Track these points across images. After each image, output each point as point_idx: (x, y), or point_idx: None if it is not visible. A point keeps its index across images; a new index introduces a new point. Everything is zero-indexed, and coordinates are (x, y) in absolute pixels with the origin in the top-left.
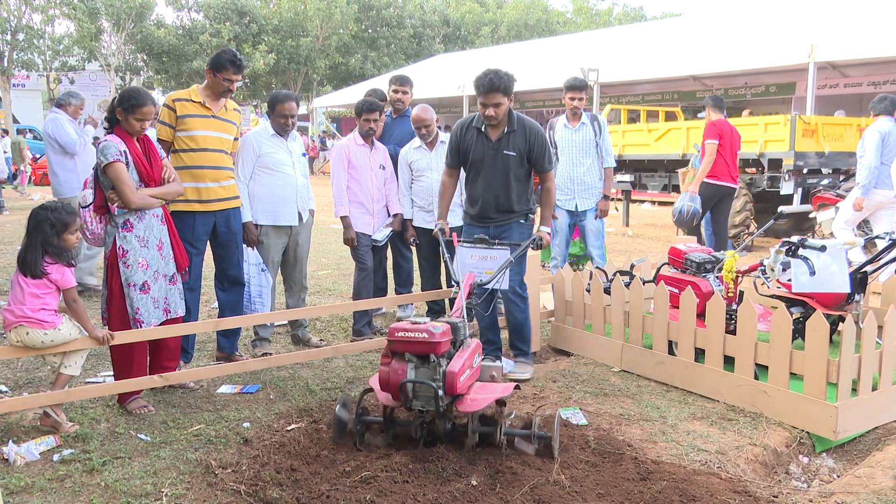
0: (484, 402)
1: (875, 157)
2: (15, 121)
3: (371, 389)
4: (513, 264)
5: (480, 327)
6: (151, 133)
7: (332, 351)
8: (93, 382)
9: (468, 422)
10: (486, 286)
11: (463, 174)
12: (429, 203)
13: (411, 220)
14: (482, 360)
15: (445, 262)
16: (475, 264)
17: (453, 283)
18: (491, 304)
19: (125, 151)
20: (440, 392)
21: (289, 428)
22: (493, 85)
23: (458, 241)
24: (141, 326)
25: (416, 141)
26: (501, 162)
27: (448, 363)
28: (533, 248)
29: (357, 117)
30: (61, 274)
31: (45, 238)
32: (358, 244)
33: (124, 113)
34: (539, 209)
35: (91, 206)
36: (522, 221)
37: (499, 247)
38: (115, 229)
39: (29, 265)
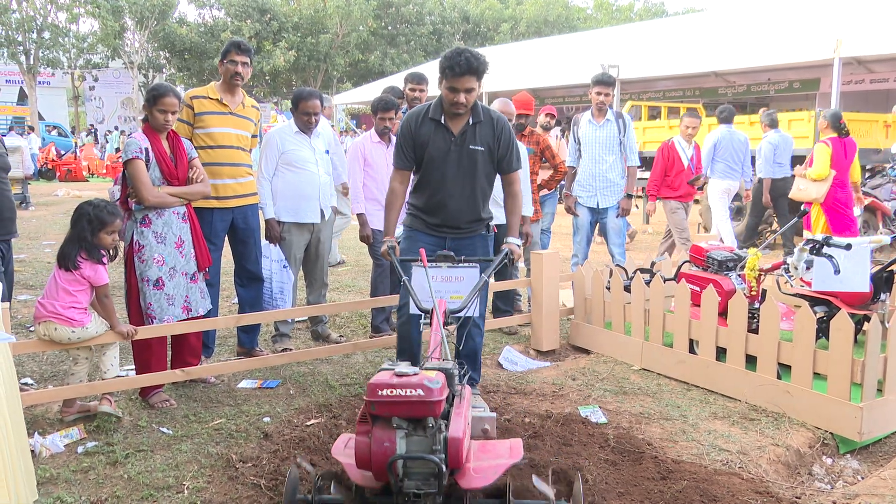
0: (492, 474)
1: (708, 158)
2: (40, 118)
3: (334, 473)
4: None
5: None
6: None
7: (352, 347)
8: (118, 376)
9: (465, 499)
10: (457, 314)
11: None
12: None
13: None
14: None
15: (404, 283)
16: (437, 287)
17: (418, 312)
18: (463, 336)
19: (146, 149)
20: (443, 467)
21: (308, 423)
22: (471, 66)
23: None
24: (153, 322)
25: None
26: (467, 159)
27: (448, 426)
28: (508, 265)
29: (373, 115)
30: (94, 271)
31: (82, 233)
32: (374, 241)
33: (149, 106)
34: (507, 217)
35: (118, 201)
36: (485, 233)
37: (465, 265)
38: (133, 224)
39: (64, 257)
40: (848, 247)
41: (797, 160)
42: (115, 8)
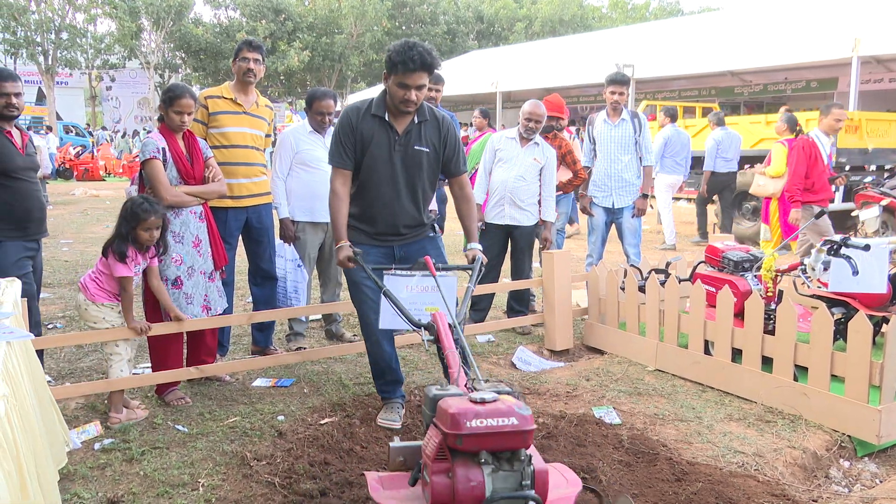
0: None
1: (657, 153)
2: (58, 118)
3: None
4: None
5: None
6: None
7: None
8: (133, 373)
9: None
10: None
11: None
12: (501, 197)
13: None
14: None
15: (387, 296)
16: (412, 298)
17: (414, 328)
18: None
19: (164, 149)
20: None
21: (322, 422)
22: (424, 61)
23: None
24: (171, 320)
25: (512, 131)
26: (411, 160)
27: (530, 457)
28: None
29: None
30: (113, 262)
31: (120, 227)
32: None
33: (165, 107)
34: (464, 223)
35: None
36: (432, 234)
37: (442, 273)
38: None
39: (106, 243)
40: (866, 248)
41: (757, 159)
42: (132, 9)
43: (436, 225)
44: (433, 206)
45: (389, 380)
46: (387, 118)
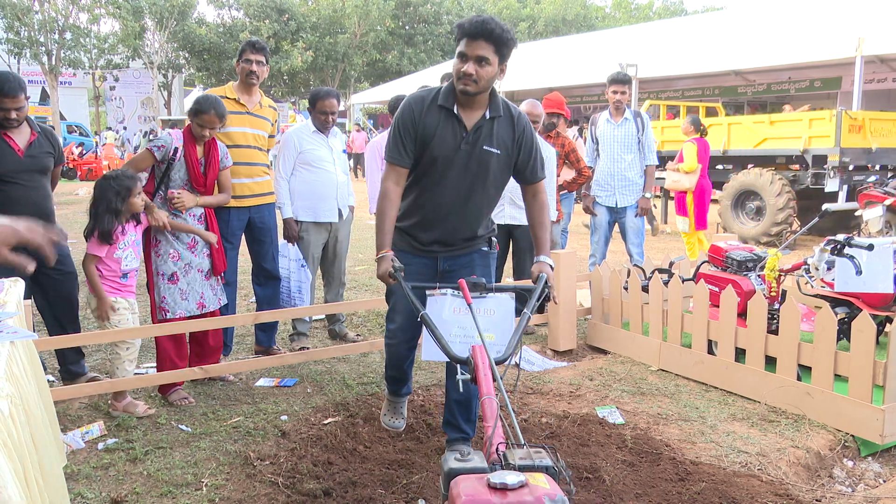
0: None
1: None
2: (62, 118)
3: None
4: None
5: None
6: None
7: (369, 346)
8: (136, 374)
9: None
10: (501, 361)
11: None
12: (501, 197)
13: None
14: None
15: (425, 321)
16: (459, 322)
17: (452, 363)
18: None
19: (177, 149)
20: None
21: (326, 422)
22: (485, 28)
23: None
24: (166, 316)
25: None
26: (477, 163)
27: None
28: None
29: (390, 114)
30: (92, 242)
31: (110, 205)
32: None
33: (191, 116)
34: (535, 232)
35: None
36: (486, 249)
37: (496, 294)
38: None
39: (105, 234)
40: (870, 247)
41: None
42: (136, 8)
43: (493, 238)
44: None
45: (398, 377)
46: (455, 110)
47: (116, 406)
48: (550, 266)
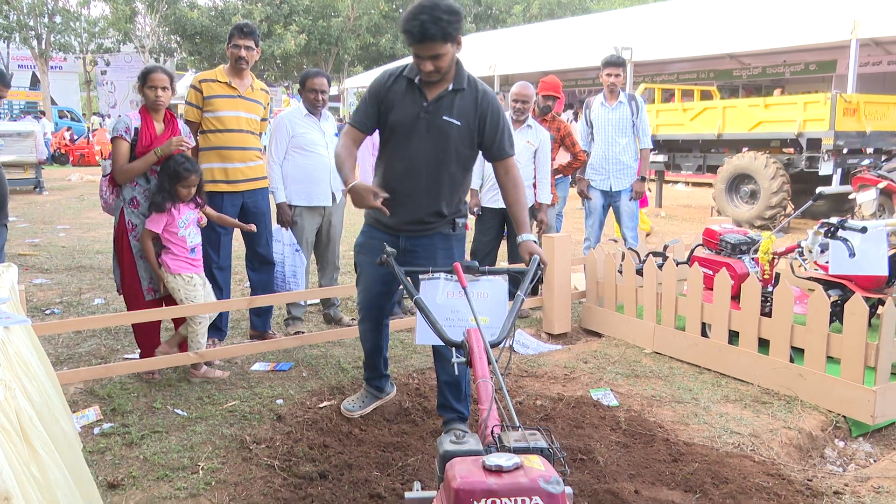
0: None
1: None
2: (53, 102)
3: None
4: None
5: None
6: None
7: None
8: (130, 359)
9: None
10: (496, 344)
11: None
12: (494, 182)
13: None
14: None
15: (419, 305)
16: (453, 306)
17: (446, 347)
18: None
19: (136, 129)
20: None
21: (321, 405)
22: (426, 33)
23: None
24: (154, 295)
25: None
26: (438, 132)
27: None
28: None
29: None
30: (152, 215)
31: (163, 183)
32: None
33: (140, 86)
34: (513, 210)
35: (108, 176)
36: (449, 231)
37: (490, 277)
38: (122, 203)
39: (157, 206)
40: (864, 230)
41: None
42: None
43: (458, 221)
44: None
45: (369, 364)
46: (417, 81)
47: (196, 374)
48: (535, 241)
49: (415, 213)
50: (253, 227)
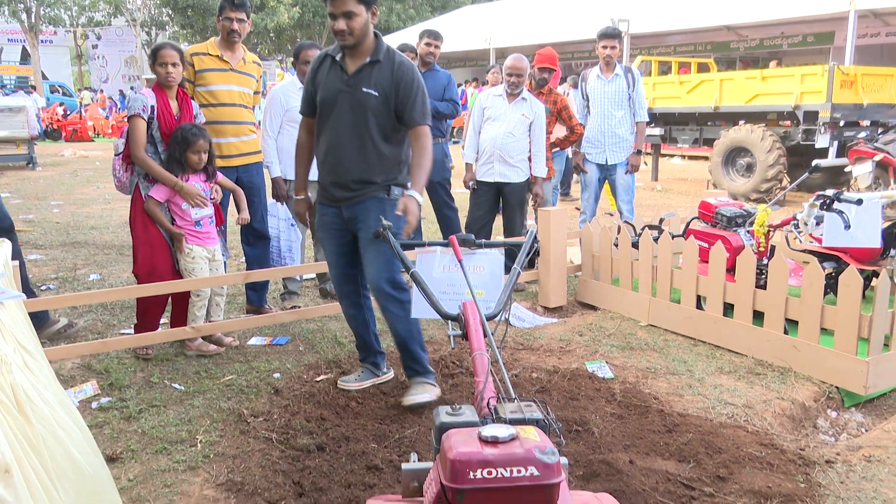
0: None
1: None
2: (44, 77)
3: None
4: (377, 251)
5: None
6: None
7: None
8: (127, 334)
9: None
10: (492, 317)
11: None
12: (490, 154)
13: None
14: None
15: (415, 278)
16: (449, 280)
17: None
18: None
19: (152, 106)
20: None
21: (318, 379)
22: None
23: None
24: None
25: (499, 88)
26: (358, 104)
27: None
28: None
29: None
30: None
31: (173, 153)
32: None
33: (151, 63)
34: (411, 171)
35: (121, 155)
36: (383, 196)
37: (485, 250)
38: (137, 178)
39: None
40: (859, 202)
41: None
42: None
43: (394, 187)
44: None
45: (359, 344)
46: (338, 58)
47: (190, 346)
48: (417, 202)
49: (345, 178)
50: (247, 219)
